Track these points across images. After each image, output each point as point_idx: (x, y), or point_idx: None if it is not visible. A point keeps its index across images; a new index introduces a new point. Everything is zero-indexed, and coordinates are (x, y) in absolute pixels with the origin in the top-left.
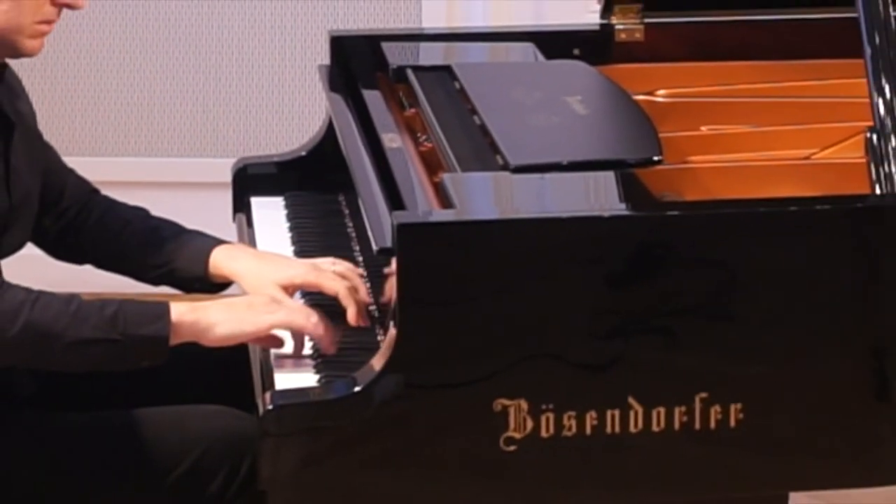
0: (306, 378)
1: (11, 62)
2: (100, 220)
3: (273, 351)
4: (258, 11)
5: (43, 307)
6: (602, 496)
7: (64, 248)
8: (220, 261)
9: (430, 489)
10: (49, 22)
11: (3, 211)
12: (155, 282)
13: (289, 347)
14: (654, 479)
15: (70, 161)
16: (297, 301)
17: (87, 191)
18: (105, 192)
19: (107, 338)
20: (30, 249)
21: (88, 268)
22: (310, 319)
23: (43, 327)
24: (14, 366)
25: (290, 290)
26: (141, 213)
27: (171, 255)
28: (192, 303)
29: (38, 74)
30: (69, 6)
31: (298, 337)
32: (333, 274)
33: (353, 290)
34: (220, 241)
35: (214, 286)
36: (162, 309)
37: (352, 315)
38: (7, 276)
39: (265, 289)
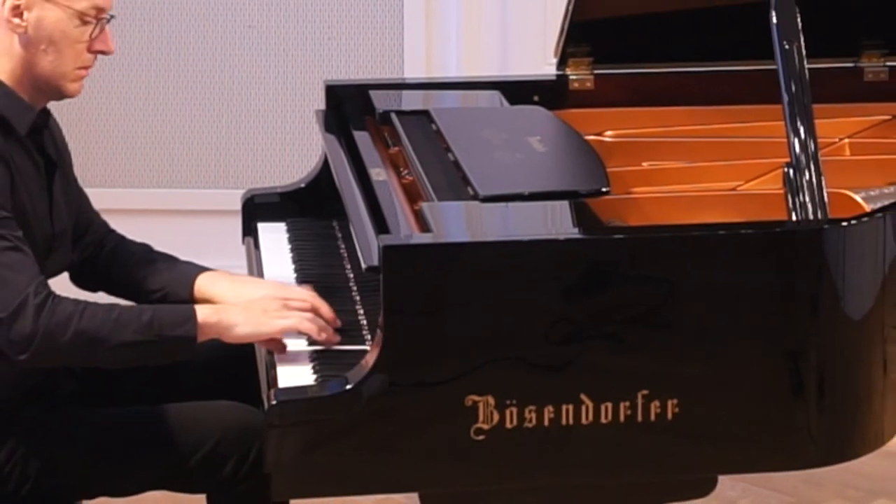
0: (305, 377)
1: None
2: (111, 252)
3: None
4: (265, 63)
5: (90, 316)
6: (557, 478)
7: (82, 278)
8: (203, 286)
9: (410, 472)
10: (87, 67)
11: (48, 236)
12: (151, 304)
13: (291, 348)
14: (603, 463)
15: (104, 191)
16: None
17: (105, 230)
18: (132, 219)
19: (145, 340)
20: None
21: None
22: (314, 324)
23: (91, 333)
24: (57, 368)
25: None
26: (145, 247)
27: (165, 283)
28: (214, 305)
29: (74, 117)
30: (103, 53)
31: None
32: (298, 289)
33: (316, 299)
34: (204, 269)
35: None
36: (189, 312)
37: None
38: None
39: (273, 292)
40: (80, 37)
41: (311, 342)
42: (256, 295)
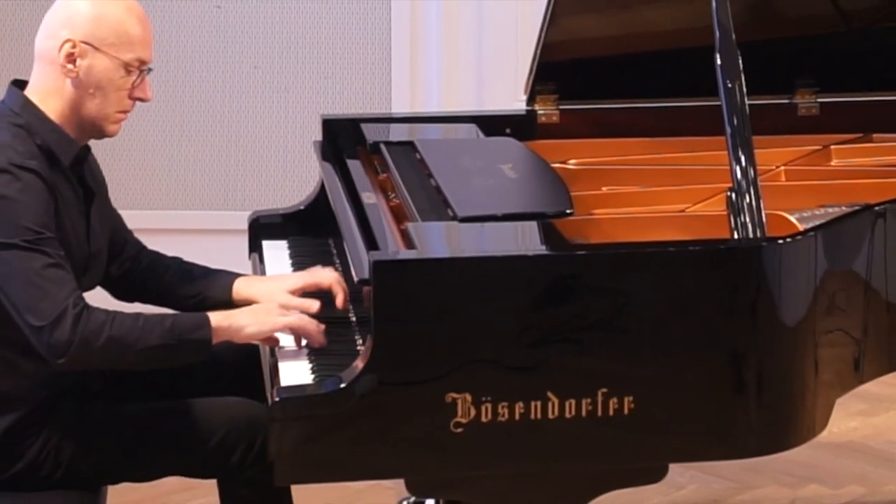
0: (304, 377)
1: None
2: (148, 267)
3: (277, 354)
4: (269, 100)
5: (119, 324)
6: (527, 466)
7: (121, 290)
8: (241, 288)
9: (397, 461)
10: (126, 111)
11: (85, 256)
12: (189, 310)
13: (289, 346)
14: (567, 453)
15: (129, 213)
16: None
17: (140, 248)
18: (155, 237)
19: (167, 343)
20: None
21: None
22: (309, 324)
23: (120, 339)
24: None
25: (296, 292)
26: (177, 260)
27: (202, 289)
28: (224, 311)
29: (105, 148)
30: (141, 100)
31: (298, 337)
32: (325, 271)
33: (341, 282)
34: (239, 275)
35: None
36: (204, 318)
37: (340, 300)
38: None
39: (278, 297)
40: (123, 84)
41: (307, 344)
42: (289, 284)
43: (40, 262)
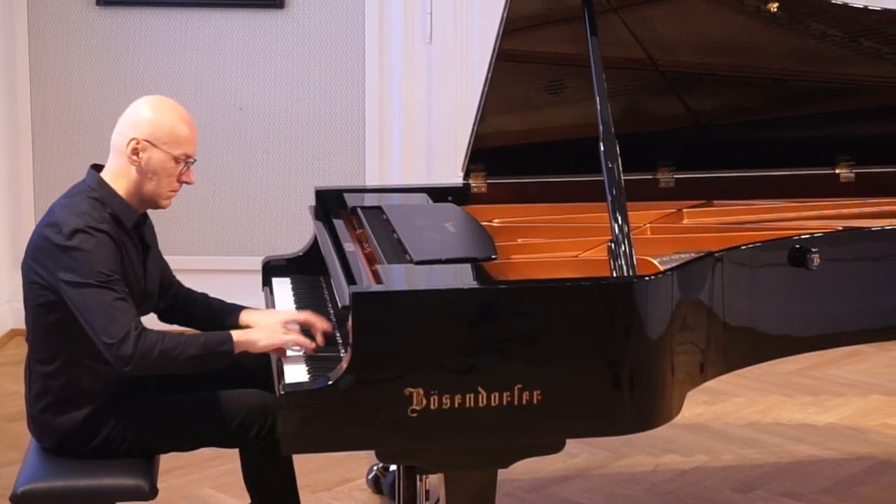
0: (302, 376)
1: None
2: (183, 300)
3: (283, 360)
4: (277, 176)
5: (167, 340)
6: (463, 441)
7: (165, 316)
8: (245, 317)
9: (369, 437)
10: (175, 191)
11: (142, 293)
12: (209, 330)
13: (292, 355)
14: (493, 431)
15: (177, 257)
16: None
17: (179, 287)
18: (193, 276)
19: (202, 353)
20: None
21: None
22: (303, 339)
23: (169, 352)
24: None
25: (287, 323)
26: (203, 295)
27: (218, 316)
28: (244, 330)
29: (161, 210)
30: (187, 183)
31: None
32: (305, 313)
33: (316, 317)
34: (244, 307)
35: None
36: (228, 335)
37: (320, 328)
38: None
39: (274, 325)
40: (173, 172)
41: (305, 352)
42: (279, 318)
43: (110, 296)
